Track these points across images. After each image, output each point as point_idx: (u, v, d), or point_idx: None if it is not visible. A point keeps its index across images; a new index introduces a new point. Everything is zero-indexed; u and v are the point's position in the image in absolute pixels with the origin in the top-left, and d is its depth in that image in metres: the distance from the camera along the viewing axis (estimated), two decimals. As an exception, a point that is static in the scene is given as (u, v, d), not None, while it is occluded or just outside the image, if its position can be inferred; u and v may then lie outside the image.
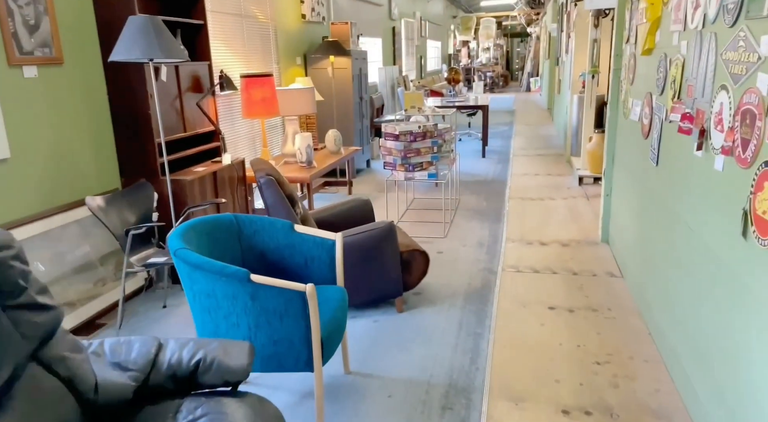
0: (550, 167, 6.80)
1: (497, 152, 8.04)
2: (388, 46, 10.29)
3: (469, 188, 5.83)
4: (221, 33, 4.45)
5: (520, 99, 16.58)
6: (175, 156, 3.41)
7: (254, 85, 4.26)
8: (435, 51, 17.11)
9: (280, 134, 5.65)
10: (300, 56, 6.08)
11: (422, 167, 4.31)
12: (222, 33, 4.46)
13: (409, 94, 4.49)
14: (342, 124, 6.33)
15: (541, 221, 4.64)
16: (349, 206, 3.39)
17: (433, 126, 4.28)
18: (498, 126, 10.73)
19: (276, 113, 4.43)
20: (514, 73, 24.77)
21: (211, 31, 4.27)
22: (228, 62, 4.54)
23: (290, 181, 4.39)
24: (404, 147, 4.19)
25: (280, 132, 5.62)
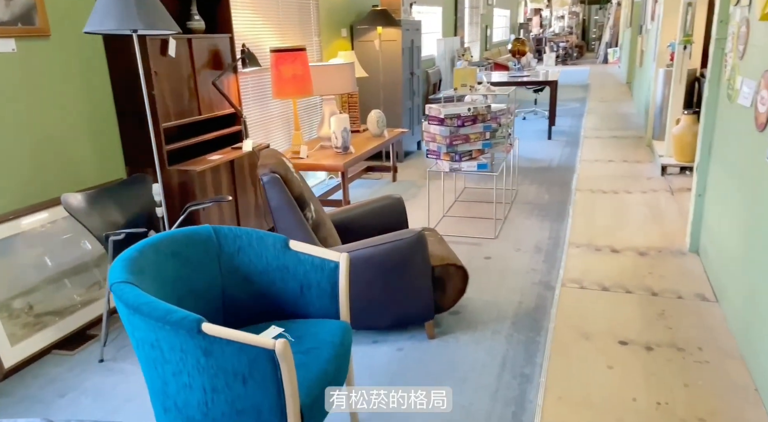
0: (627, 152, 5.96)
1: (565, 132, 7.23)
2: (449, 16, 9.53)
3: (529, 177, 5.15)
4: (252, 1, 3.99)
5: (595, 72, 15.26)
6: (183, 143, 3.01)
7: (284, 61, 3.79)
8: (503, 20, 16.02)
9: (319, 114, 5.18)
10: (346, 28, 5.55)
11: (471, 156, 3.71)
12: (252, 2, 4.00)
13: (460, 71, 3.88)
14: (389, 102, 5.77)
15: (613, 220, 3.93)
16: (376, 205, 2.87)
17: (485, 108, 3.66)
18: (568, 102, 9.79)
19: (309, 92, 3.95)
20: (591, 43, 23.01)
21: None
22: (259, 35, 4.08)
23: (322, 169, 3.93)
24: (450, 133, 3.61)
25: (319, 113, 5.16)
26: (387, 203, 2.90)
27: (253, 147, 3.32)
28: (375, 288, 2.36)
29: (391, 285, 2.36)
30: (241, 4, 3.87)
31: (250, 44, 3.95)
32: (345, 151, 4.13)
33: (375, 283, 2.34)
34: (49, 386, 2.20)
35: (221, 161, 3.07)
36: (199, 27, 3.15)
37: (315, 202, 2.48)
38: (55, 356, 2.40)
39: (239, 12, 3.82)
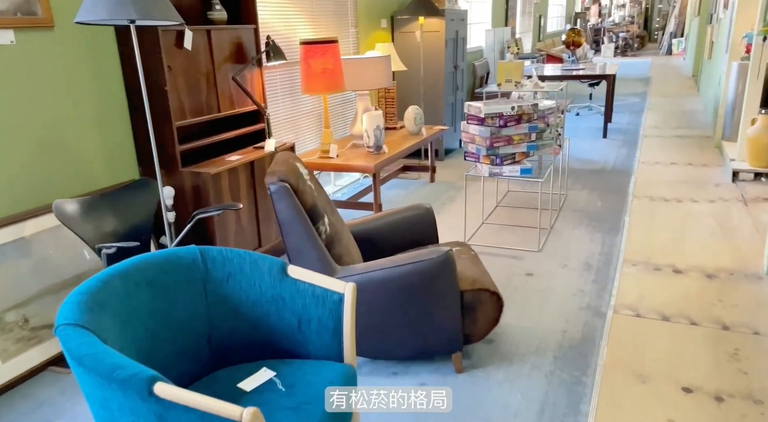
0: (692, 153, 5.40)
1: (623, 131, 6.68)
2: (500, 5, 9.05)
3: (581, 180, 4.71)
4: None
5: (658, 64, 14.33)
6: (199, 143, 2.80)
7: (314, 54, 3.53)
8: (558, 9, 15.27)
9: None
10: (386, 18, 5.24)
11: (514, 160, 3.35)
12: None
13: (505, 65, 3.51)
14: (430, 98, 5.44)
15: (676, 234, 3.48)
16: (403, 216, 2.58)
17: (531, 107, 3.28)
18: (627, 97, 9.14)
19: (340, 88, 3.68)
20: (653, 33, 21.75)
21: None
22: (290, 26, 3.84)
23: (351, 170, 3.66)
24: (491, 134, 3.26)
25: (353, 109, 4.88)
26: (415, 213, 2.60)
27: (276, 147, 3.09)
28: (394, 315, 2.07)
29: (413, 312, 2.07)
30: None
31: (280, 36, 3.71)
32: (378, 151, 3.85)
33: (394, 309, 2.05)
34: (37, 411, 2.03)
35: (240, 162, 2.85)
36: (220, 18, 2.92)
37: (331, 213, 2.21)
38: (51, 373, 2.25)
39: (268, 2, 3.58)
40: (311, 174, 2.25)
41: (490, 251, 3.34)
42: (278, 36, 3.70)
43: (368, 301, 2.04)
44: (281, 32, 3.74)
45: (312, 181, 2.19)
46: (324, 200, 2.20)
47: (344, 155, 3.86)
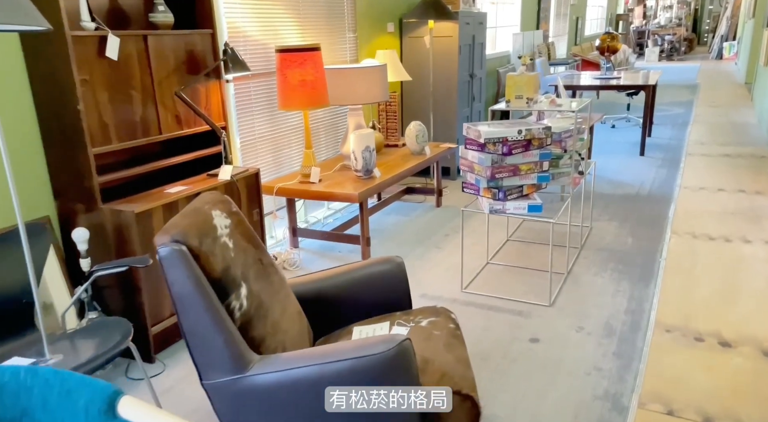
0: (744, 177, 4.66)
1: (663, 147, 5.95)
2: (531, 7, 8.39)
3: (610, 208, 4.06)
4: (258, -9, 3.26)
5: (706, 69, 13.31)
6: (128, 173, 2.32)
7: (291, 63, 3.03)
8: (598, 11, 14.41)
9: (356, 123, 4.38)
10: (394, 22, 4.71)
11: (522, 193, 2.77)
12: (260, -9, 3.27)
13: (514, 79, 2.93)
14: (441, 110, 4.87)
15: (723, 287, 2.82)
16: (366, 273, 2.04)
17: (543, 130, 2.69)
18: (670, 107, 8.33)
19: (322, 102, 3.17)
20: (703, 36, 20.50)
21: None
22: (270, 31, 3.35)
23: (332, 198, 3.14)
24: (493, 163, 2.69)
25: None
26: (383, 269, 2.05)
27: (232, 176, 2.59)
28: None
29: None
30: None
31: (256, 44, 3.23)
32: (367, 175, 3.32)
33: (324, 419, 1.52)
34: None
35: (181, 195, 2.36)
36: (164, 21, 2.45)
37: (257, 278, 1.69)
38: None
39: (240, 2, 3.10)
40: (240, 224, 1.74)
41: (490, 304, 2.77)
42: (254, 43, 3.22)
43: (288, 407, 1.51)
44: (257, 38, 3.25)
45: (236, 235, 1.67)
46: (247, 262, 1.68)
47: (329, 179, 3.35)
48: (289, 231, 3.45)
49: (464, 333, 2.35)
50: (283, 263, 3.22)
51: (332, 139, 4.11)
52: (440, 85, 4.82)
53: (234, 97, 3.09)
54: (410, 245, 3.55)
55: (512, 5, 7.86)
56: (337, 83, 3.38)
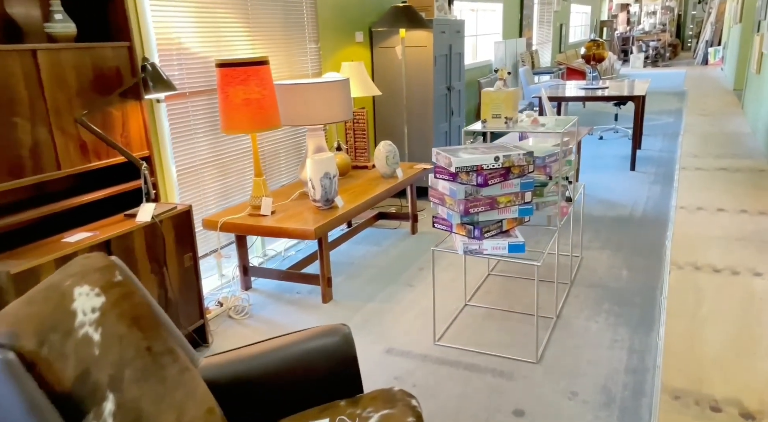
0: (744, 194, 4.31)
1: (654, 160, 5.60)
2: (512, 14, 8.07)
3: (602, 234, 3.68)
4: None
5: (693, 75, 13.09)
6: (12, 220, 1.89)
7: (232, 79, 2.62)
8: (582, 18, 14.20)
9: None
10: (363, 31, 4.32)
11: (501, 230, 2.37)
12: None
13: (490, 95, 2.54)
14: (417, 126, 4.48)
15: (736, 332, 2.44)
16: (303, 349, 1.61)
17: (523, 156, 2.30)
18: (659, 116, 8.02)
19: (271, 123, 2.76)
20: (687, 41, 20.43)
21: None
22: (213, 42, 2.94)
23: (284, 234, 2.72)
24: (466, 195, 2.28)
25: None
26: (325, 344, 1.63)
27: (155, 216, 2.16)
28: None
29: None
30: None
31: (195, 58, 2.81)
32: (327, 205, 2.90)
33: None
34: None
35: (82, 245, 1.93)
36: (64, 33, 2.03)
37: (141, 380, 1.26)
38: None
39: (172, 8, 2.68)
40: (124, 300, 1.31)
41: (467, 361, 2.35)
42: (192, 57, 2.80)
43: None
44: (197, 51, 2.84)
45: (110, 320, 1.24)
46: (124, 357, 1.25)
47: (284, 210, 2.93)
48: (240, 270, 3.02)
49: (436, 405, 1.94)
50: (228, 311, 2.78)
51: (294, 161, 3.70)
52: (415, 99, 4.43)
53: (167, 120, 2.67)
54: (379, 282, 3.13)
55: (493, 12, 7.53)
56: (292, 101, 2.97)
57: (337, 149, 3.64)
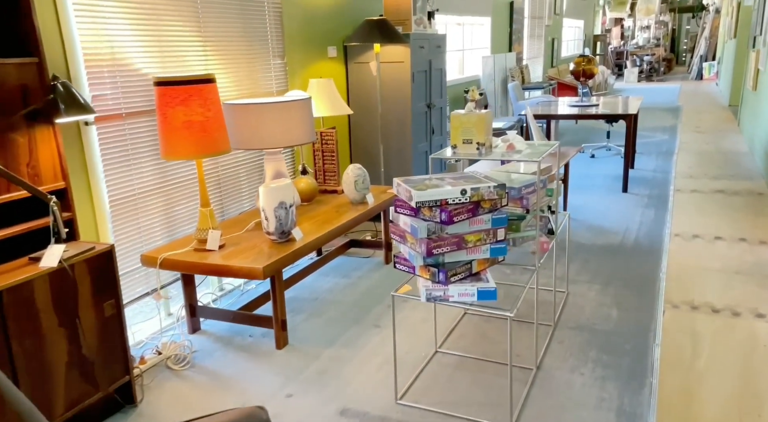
0: (744, 221, 4.03)
1: (648, 181, 5.33)
2: (501, 28, 7.85)
3: (591, 264, 3.39)
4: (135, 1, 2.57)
5: (687, 90, 12.92)
6: None
7: (171, 99, 2.33)
8: (575, 32, 14.05)
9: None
10: (336, 45, 4.06)
11: (470, 272, 2.08)
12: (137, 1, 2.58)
13: (460, 118, 2.26)
14: (393, 147, 4.21)
15: (741, 390, 2.13)
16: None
17: (493, 189, 2.01)
18: (653, 133, 7.78)
19: (218, 148, 2.47)
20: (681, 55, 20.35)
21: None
22: (158, 57, 2.66)
23: (229, 273, 2.41)
24: (429, 233, 1.99)
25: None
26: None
27: (64, 260, 1.86)
28: None
29: None
30: (115, 3, 2.46)
31: (135, 74, 2.53)
32: (283, 238, 2.61)
33: None
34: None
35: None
36: (-42, 50, 1.74)
37: None
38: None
39: (106, 16, 2.41)
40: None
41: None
42: (131, 74, 2.52)
43: None
44: (137, 67, 2.55)
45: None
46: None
47: (236, 243, 2.63)
48: (186, 311, 2.71)
49: None
50: (167, 360, 2.47)
51: (257, 186, 3.41)
52: (392, 118, 4.16)
53: (98, 145, 2.38)
54: (343, 322, 2.83)
55: (481, 27, 7.30)
56: (245, 123, 2.69)
57: (302, 172, 3.35)
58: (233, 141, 2.71)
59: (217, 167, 3.07)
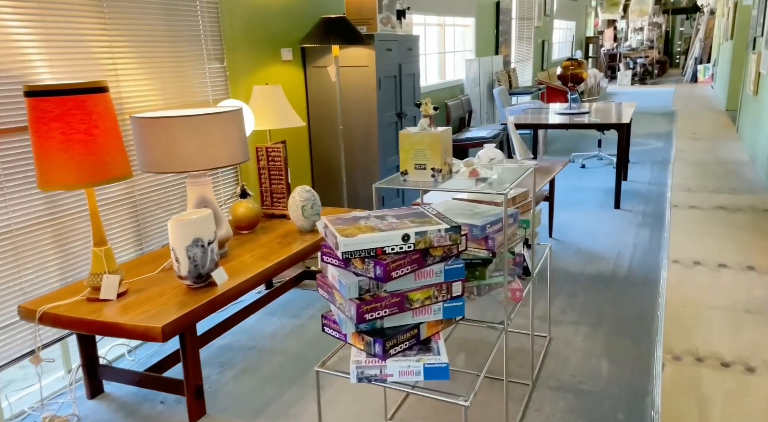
0: (750, 243, 3.58)
1: (642, 195, 4.89)
2: (487, 29, 7.40)
3: (578, 299, 2.92)
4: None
5: (682, 93, 12.52)
6: None
7: (45, 114, 1.85)
8: (565, 34, 13.63)
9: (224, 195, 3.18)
10: (291, 48, 3.59)
11: (417, 340, 1.61)
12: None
13: (410, 137, 1.80)
14: (359, 160, 3.74)
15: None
16: None
17: (445, 233, 1.55)
18: (647, 140, 7.35)
19: (112, 174, 2.00)
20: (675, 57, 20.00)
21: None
22: (45, 59, 2.18)
23: (119, 332, 1.93)
24: (360, 292, 1.52)
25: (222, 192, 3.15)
26: None
27: None
28: None
29: None
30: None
31: (6, 82, 2.05)
32: (199, 283, 2.13)
33: None
34: None
35: None
36: None
37: None
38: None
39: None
40: None
41: None
42: (7, 82, 2.04)
43: None
44: (10, 74, 2.07)
45: None
46: None
47: (141, 288, 2.15)
48: (83, 372, 2.23)
49: None
50: (47, 439, 1.99)
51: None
52: (356, 129, 3.69)
53: (-44, 173, 1.90)
54: (278, 383, 2.35)
55: (465, 28, 6.86)
56: (154, 140, 2.21)
57: (242, 195, 2.87)
58: (142, 163, 2.24)
59: (132, 190, 2.59)
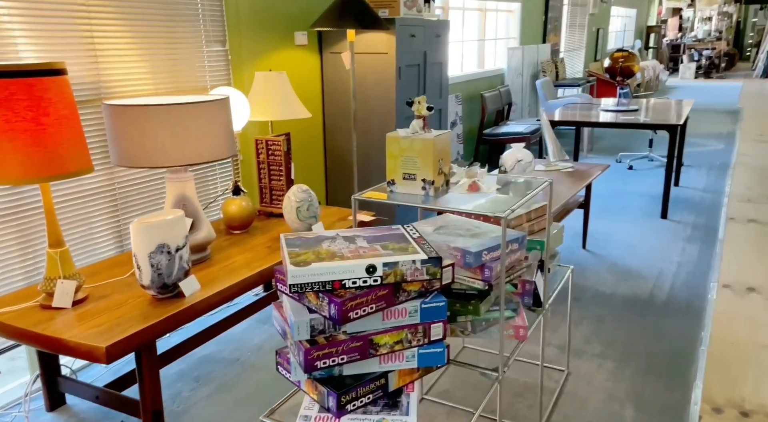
0: (820, 270, 3.09)
1: (694, 204, 4.39)
2: (534, 15, 6.91)
3: (605, 325, 2.55)
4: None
5: (751, 90, 11.52)
6: None
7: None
8: (625, 22, 12.79)
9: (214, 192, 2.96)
10: (304, 31, 3.32)
11: (382, 392, 1.32)
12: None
13: (397, 141, 1.50)
14: (375, 155, 3.45)
15: None
16: None
17: (422, 266, 1.25)
18: (706, 141, 6.72)
19: (67, 168, 1.79)
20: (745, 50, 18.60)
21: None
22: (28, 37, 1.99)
23: (60, 349, 1.73)
24: (315, 331, 1.25)
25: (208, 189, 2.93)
26: None
27: None
28: None
29: None
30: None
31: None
32: (165, 293, 1.91)
33: None
34: None
35: None
36: None
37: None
38: None
39: None
40: None
41: None
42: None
43: None
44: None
45: None
46: None
47: (101, 296, 1.96)
48: (42, 383, 2.05)
49: None
50: (-12, 457, 1.82)
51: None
52: (372, 122, 3.40)
53: None
54: (255, 407, 2.12)
55: (510, 13, 6.40)
56: (125, 132, 1.99)
57: (234, 192, 2.64)
58: (112, 155, 2.02)
59: (113, 182, 2.39)
